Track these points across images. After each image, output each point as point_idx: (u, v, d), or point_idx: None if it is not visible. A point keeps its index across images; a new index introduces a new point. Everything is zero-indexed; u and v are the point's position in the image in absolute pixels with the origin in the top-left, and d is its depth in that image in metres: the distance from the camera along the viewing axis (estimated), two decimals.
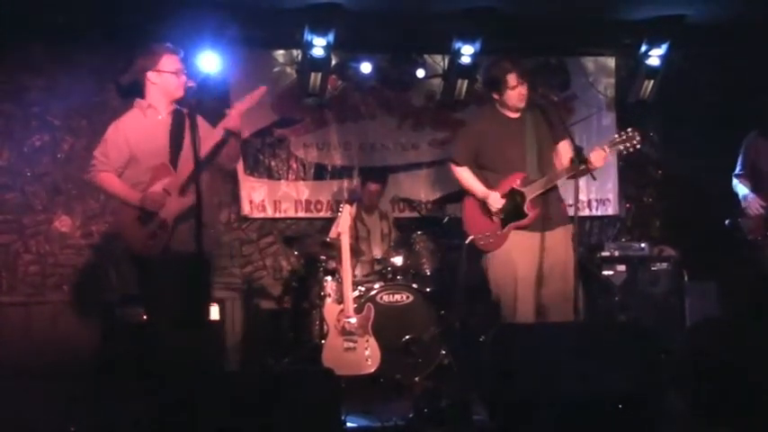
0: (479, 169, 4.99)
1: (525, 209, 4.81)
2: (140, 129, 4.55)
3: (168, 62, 4.56)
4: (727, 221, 5.82)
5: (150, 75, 4.56)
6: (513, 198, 4.84)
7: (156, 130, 4.56)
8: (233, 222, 7.15)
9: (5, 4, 5.89)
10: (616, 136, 4.80)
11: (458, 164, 5.05)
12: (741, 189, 5.77)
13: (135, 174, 4.52)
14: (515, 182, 4.84)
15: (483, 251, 4.93)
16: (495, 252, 4.89)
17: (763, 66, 6.70)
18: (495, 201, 4.85)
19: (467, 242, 4.95)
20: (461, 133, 5.35)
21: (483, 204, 4.92)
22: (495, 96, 4.95)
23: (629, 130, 4.76)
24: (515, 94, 4.88)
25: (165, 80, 4.55)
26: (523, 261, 4.82)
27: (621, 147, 4.75)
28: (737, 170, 5.88)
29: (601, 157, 4.70)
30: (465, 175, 5.02)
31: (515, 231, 4.85)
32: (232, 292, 6.84)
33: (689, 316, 6.58)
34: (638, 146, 4.76)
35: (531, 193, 4.81)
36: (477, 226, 4.94)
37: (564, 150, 4.90)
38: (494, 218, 4.89)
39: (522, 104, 4.92)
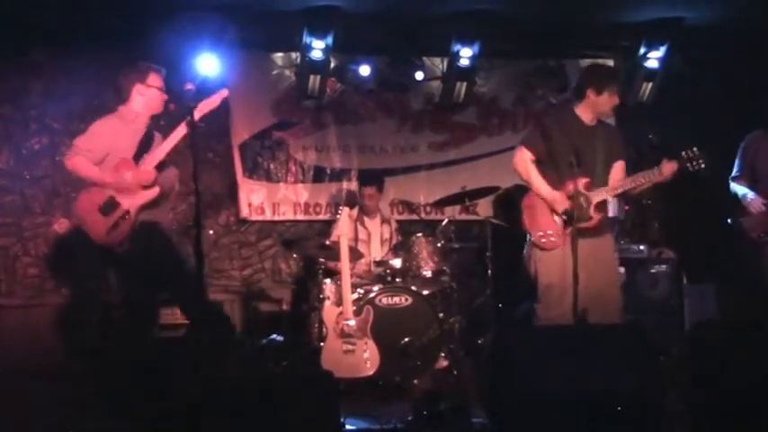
0: (542, 164, 5.04)
1: (591, 212, 4.89)
2: (121, 133, 4.92)
3: (154, 79, 4.97)
4: (729, 220, 5.84)
5: (139, 87, 4.94)
6: (578, 201, 4.86)
7: (132, 136, 4.95)
8: (232, 225, 7.16)
9: (5, 7, 5.89)
10: (683, 153, 4.85)
11: (525, 146, 5.06)
12: (740, 189, 5.80)
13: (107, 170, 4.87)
14: (580, 185, 4.88)
15: (540, 249, 4.99)
16: (551, 252, 4.95)
17: (761, 67, 6.71)
18: (562, 203, 4.90)
19: (531, 239, 5.02)
20: (538, 124, 5.40)
21: (544, 203, 5.00)
22: (592, 95, 4.99)
23: (696, 150, 4.84)
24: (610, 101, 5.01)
25: (151, 94, 4.95)
26: (572, 264, 4.80)
27: (689, 164, 4.84)
28: (734, 172, 5.90)
29: (671, 169, 4.83)
30: (531, 171, 5.05)
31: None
32: (231, 294, 6.86)
33: (688, 318, 6.59)
34: (703, 167, 4.83)
35: (597, 197, 4.91)
36: (538, 224, 5.00)
37: (618, 169, 5.05)
38: (556, 218, 4.96)
39: (605, 116, 5.07)
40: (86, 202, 4.85)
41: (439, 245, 6.13)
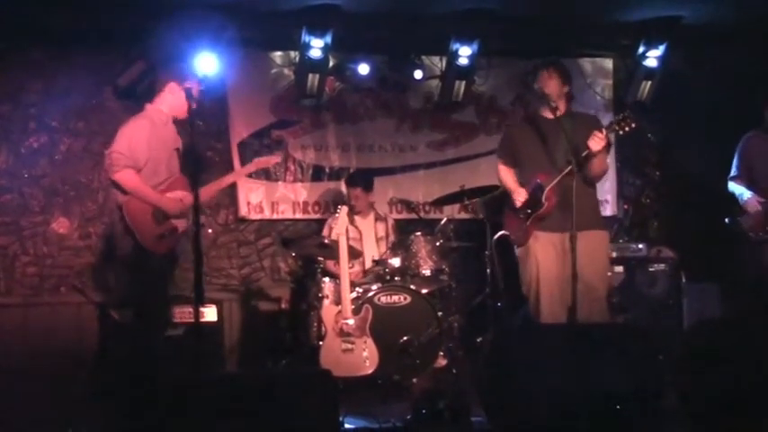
0: (518, 167, 5.26)
1: (543, 198, 4.97)
2: (157, 134, 4.83)
3: (191, 85, 4.85)
4: (726, 219, 5.87)
5: (173, 86, 4.89)
6: (536, 192, 5.03)
7: (168, 140, 4.90)
8: (231, 224, 7.15)
9: (4, 6, 5.88)
10: (612, 119, 5.03)
11: (498, 157, 5.41)
12: (737, 189, 5.86)
13: (149, 176, 4.78)
14: (540, 177, 5.02)
15: (516, 247, 5.19)
16: (522, 250, 5.12)
17: (760, 66, 6.70)
18: (520, 195, 5.11)
19: (495, 238, 5.34)
20: (503, 132, 5.65)
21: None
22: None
23: (625, 112, 4.96)
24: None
25: (180, 97, 4.87)
26: (546, 261, 4.98)
27: (617, 127, 4.90)
28: (732, 173, 5.94)
29: (598, 139, 4.86)
30: (502, 173, 5.33)
31: (539, 232, 5.03)
32: (230, 293, 6.85)
33: (687, 317, 6.58)
34: (634, 126, 4.89)
35: (548, 182, 4.97)
36: (511, 224, 5.21)
37: None
38: (521, 214, 5.09)
39: (546, 102, 5.08)
40: (138, 205, 4.73)
41: (438, 244, 6.13)
